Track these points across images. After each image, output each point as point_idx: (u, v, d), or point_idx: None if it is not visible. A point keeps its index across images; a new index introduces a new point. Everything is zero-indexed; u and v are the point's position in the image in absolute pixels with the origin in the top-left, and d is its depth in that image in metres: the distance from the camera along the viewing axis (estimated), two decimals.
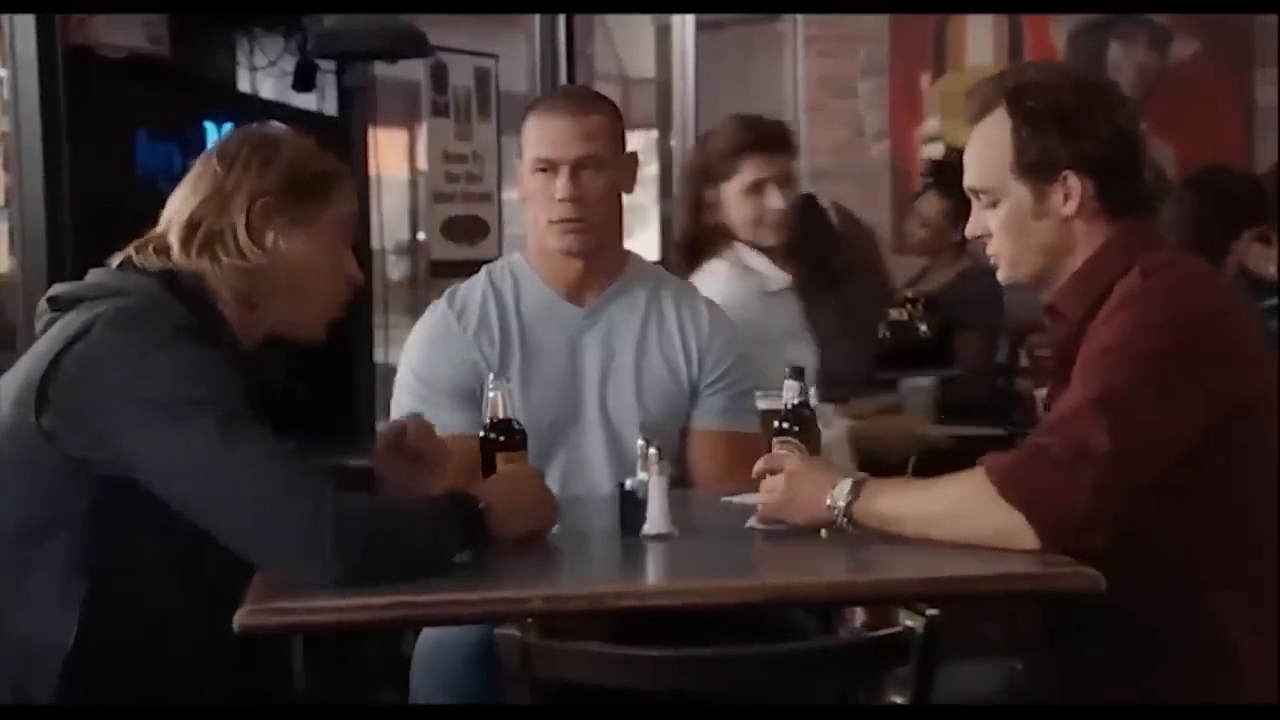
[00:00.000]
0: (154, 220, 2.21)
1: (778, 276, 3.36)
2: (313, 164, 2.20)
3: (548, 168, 2.70)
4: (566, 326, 2.78)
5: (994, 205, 2.20)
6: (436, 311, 2.81)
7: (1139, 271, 2.09)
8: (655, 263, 3.11)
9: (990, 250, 2.23)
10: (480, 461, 2.30)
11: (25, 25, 3.71)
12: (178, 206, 2.16)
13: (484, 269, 2.87)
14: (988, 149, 2.19)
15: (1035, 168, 2.15)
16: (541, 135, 2.72)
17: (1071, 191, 2.15)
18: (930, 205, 5.43)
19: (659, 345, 2.80)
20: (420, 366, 2.77)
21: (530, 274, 2.81)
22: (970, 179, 2.23)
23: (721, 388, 2.81)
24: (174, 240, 2.13)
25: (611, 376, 2.77)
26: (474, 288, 2.82)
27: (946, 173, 5.64)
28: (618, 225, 2.82)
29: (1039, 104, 2.15)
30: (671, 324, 2.82)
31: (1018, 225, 2.18)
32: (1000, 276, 2.24)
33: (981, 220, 2.22)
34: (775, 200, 3.32)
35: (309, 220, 2.17)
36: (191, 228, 2.13)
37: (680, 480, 2.82)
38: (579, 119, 2.71)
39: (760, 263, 3.34)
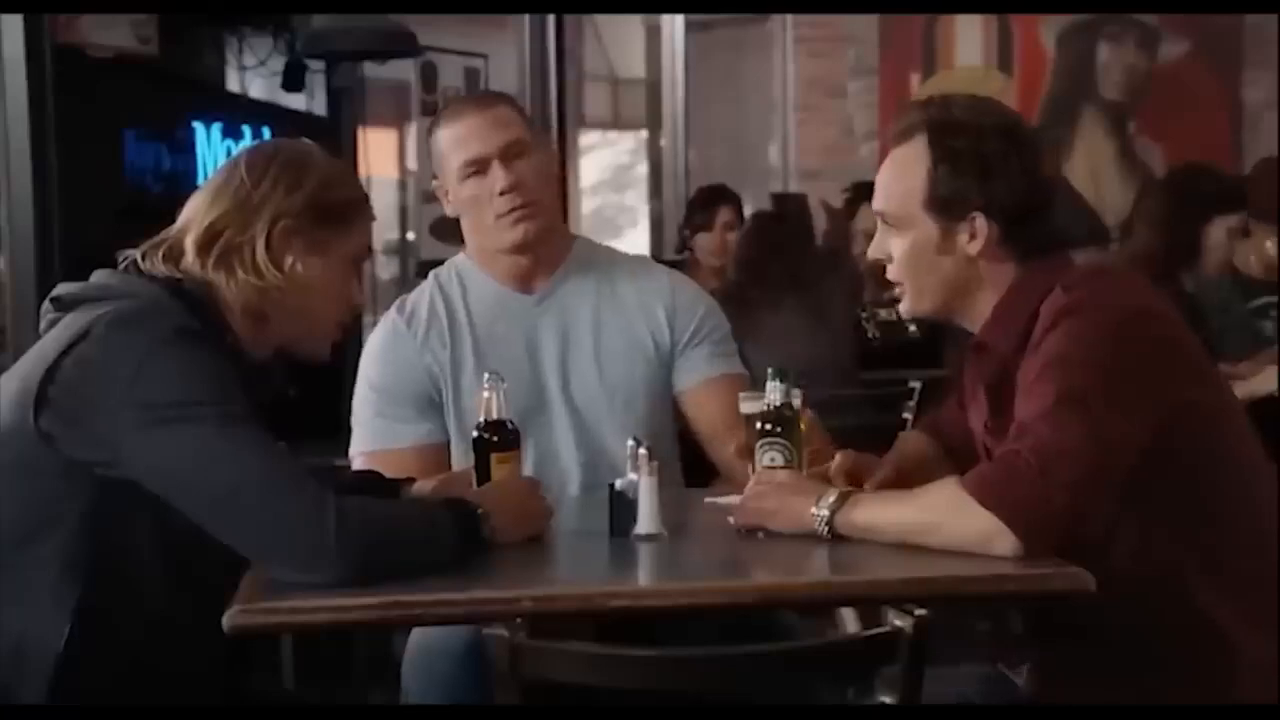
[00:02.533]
0: (142, 218, 2.21)
1: None
2: (339, 191, 2.19)
3: (478, 167, 2.67)
4: (518, 316, 2.75)
5: (897, 232, 2.21)
6: (386, 321, 2.79)
7: (1061, 289, 2.11)
8: (642, 256, 3.10)
9: (892, 277, 2.24)
10: (473, 462, 2.29)
11: (13, 25, 3.71)
12: (199, 211, 2.14)
13: (431, 274, 2.85)
14: (901, 177, 2.20)
15: (945, 205, 2.16)
16: (460, 138, 2.69)
17: (978, 233, 2.16)
18: (868, 216, 5.43)
19: (616, 322, 2.76)
20: (375, 377, 2.75)
21: (476, 271, 2.78)
22: (879, 203, 2.24)
23: (701, 339, 2.77)
24: (190, 245, 2.11)
25: (571, 360, 2.73)
26: (422, 293, 2.81)
27: (868, 188, 5.66)
28: (558, 208, 2.81)
29: (959, 144, 2.15)
30: (628, 298, 2.78)
31: (922, 258, 2.20)
32: (902, 309, 2.25)
33: (884, 244, 2.24)
34: None
35: (327, 247, 2.16)
36: (211, 237, 2.11)
37: (686, 442, 2.79)
38: (487, 112, 2.71)
39: None
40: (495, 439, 2.28)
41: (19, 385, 2.02)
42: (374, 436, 2.72)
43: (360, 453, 2.73)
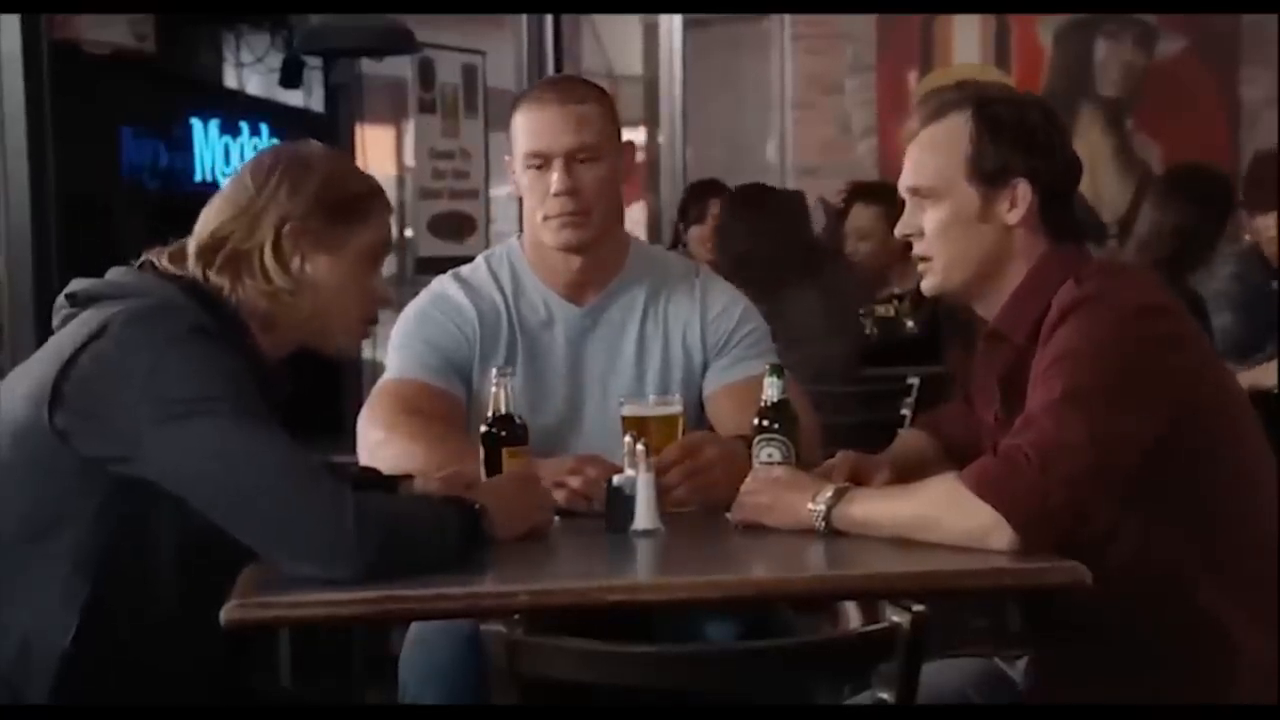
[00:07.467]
0: (139, 217, 2.20)
1: None
2: (346, 186, 2.17)
3: (541, 162, 2.61)
4: (565, 327, 2.70)
5: (933, 203, 2.20)
6: (442, 286, 2.72)
7: (1073, 283, 2.11)
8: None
9: (920, 251, 2.23)
10: (484, 457, 2.28)
11: (10, 23, 3.71)
12: (204, 223, 2.13)
13: (481, 259, 2.78)
14: (940, 148, 2.19)
15: (990, 172, 2.16)
16: (532, 128, 2.63)
17: (1019, 199, 2.16)
18: (861, 215, 5.41)
19: (658, 340, 2.71)
20: (421, 329, 2.67)
21: (527, 271, 2.72)
22: (913, 177, 2.22)
23: (729, 346, 2.71)
24: (193, 253, 2.10)
25: (613, 377, 2.69)
26: (477, 271, 2.74)
27: (863, 189, 5.65)
28: (617, 217, 2.72)
29: (1003, 113, 2.17)
30: (669, 314, 2.72)
31: (959, 228, 2.19)
32: (926, 286, 2.25)
33: (915, 219, 2.22)
34: None
35: (337, 245, 2.14)
36: (215, 246, 2.10)
37: None
38: (570, 109, 2.62)
39: None
40: (504, 434, 2.28)
41: (34, 382, 2.01)
42: (411, 365, 2.65)
43: (393, 379, 2.66)
